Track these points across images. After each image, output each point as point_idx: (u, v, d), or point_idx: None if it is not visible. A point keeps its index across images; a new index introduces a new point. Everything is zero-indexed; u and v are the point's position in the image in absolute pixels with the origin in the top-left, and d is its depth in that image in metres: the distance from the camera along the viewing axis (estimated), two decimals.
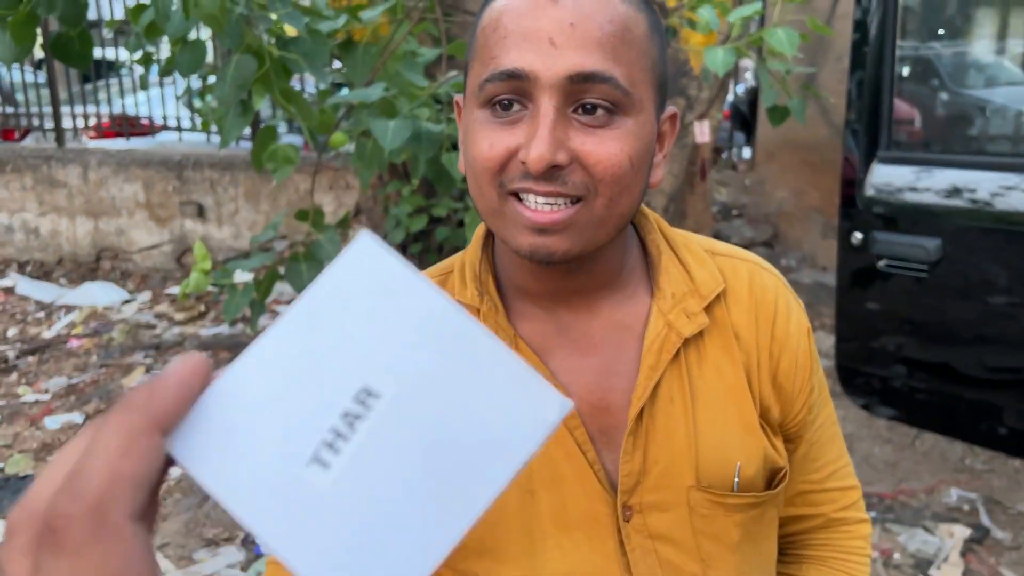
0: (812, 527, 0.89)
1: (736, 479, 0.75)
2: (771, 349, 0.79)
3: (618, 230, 0.70)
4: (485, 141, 0.67)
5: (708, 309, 0.77)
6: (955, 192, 2.15)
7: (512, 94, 0.66)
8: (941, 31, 2.62)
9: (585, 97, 0.65)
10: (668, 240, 0.80)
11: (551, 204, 0.66)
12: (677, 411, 0.75)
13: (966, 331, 2.22)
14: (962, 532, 2.62)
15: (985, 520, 2.71)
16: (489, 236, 0.80)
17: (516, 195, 0.67)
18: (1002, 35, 2.73)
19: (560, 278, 0.74)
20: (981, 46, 2.71)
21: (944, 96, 2.63)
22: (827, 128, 4.91)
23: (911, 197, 2.23)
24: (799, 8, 2.51)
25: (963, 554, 2.52)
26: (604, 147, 0.65)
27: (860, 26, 2.35)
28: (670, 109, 0.74)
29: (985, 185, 2.10)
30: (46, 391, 3.95)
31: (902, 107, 2.37)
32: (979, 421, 2.26)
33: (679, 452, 0.74)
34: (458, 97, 0.77)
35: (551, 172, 0.64)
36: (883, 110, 2.27)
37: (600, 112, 0.65)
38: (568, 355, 0.76)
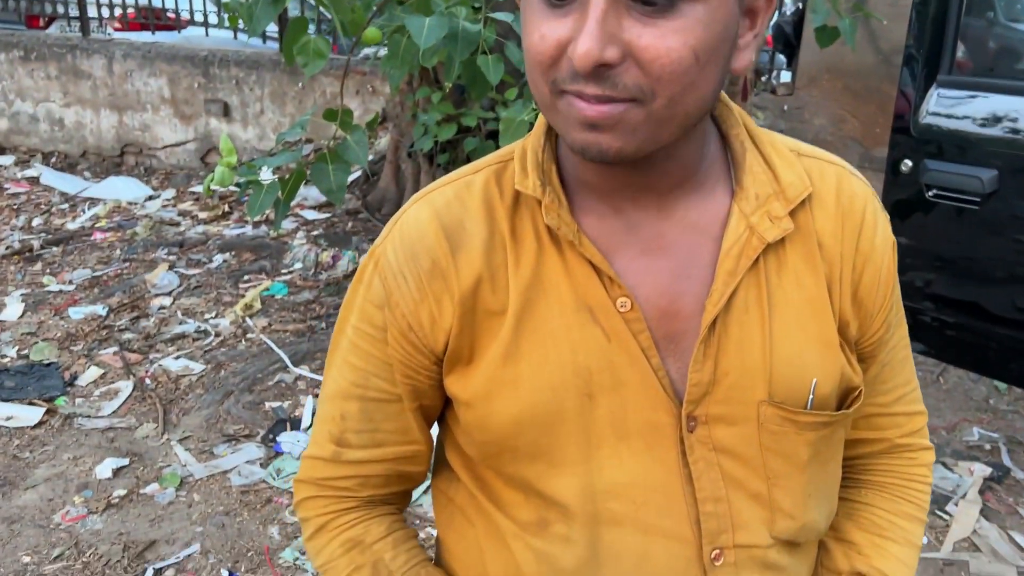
0: (876, 451, 0.85)
1: (811, 396, 0.71)
2: (855, 261, 0.73)
3: (684, 130, 0.64)
4: (536, 32, 0.61)
5: (792, 214, 0.71)
6: (1015, 121, 2.05)
7: None
8: None
9: None
10: (753, 137, 0.74)
11: (602, 101, 0.60)
12: (753, 321, 0.70)
13: (1008, 270, 2.15)
14: (982, 471, 2.60)
15: (1006, 460, 2.69)
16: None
17: (570, 93, 0.61)
18: None
19: (626, 174, 0.68)
20: None
21: (1009, 25, 2.50)
22: (874, 54, 4.72)
23: (968, 126, 2.13)
24: None
25: (981, 492, 2.51)
26: (664, 41, 0.57)
27: None
28: None
29: None
30: (70, 282, 3.98)
31: (965, 31, 2.24)
32: (1009, 360, 2.21)
33: (752, 364, 0.70)
34: None
35: (600, 71, 0.58)
36: (948, 32, 2.15)
37: None
38: (637, 255, 0.71)
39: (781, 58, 5.73)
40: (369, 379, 0.76)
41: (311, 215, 4.84)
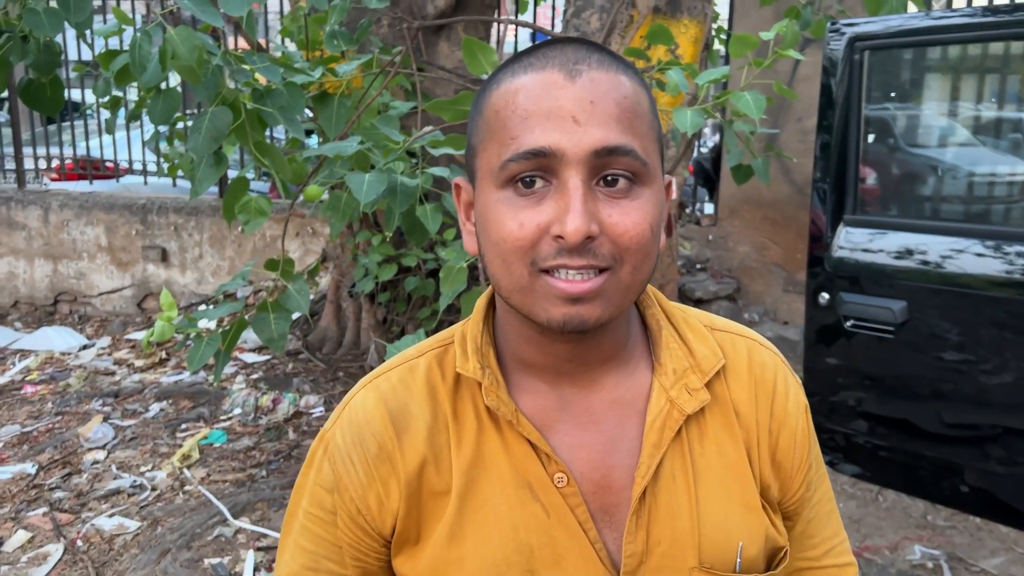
0: None
1: (738, 559, 0.75)
2: (770, 427, 0.79)
3: (637, 295, 0.72)
4: (513, 221, 0.68)
5: (708, 385, 0.77)
6: (919, 254, 2.21)
7: (536, 171, 0.67)
8: (906, 94, 2.71)
9: (608, 170, 0.67)
10: (667, 314, 0.81)
11: (582, 274, 0.67)
12: (680, 489, 0.75)
13: (929, 391, 2.27)
14: None
15: None
16: (490, 310, 0.80)
17: (547, 271, 0.67)
18: (970, 98, 2.83)
19: (569, 348, 0.74)
20: (946, 108, 2.81)
21: (908, 159, 2.72)
22: (788, 186, 5.02)
23: (877, 259, 2.28)
24: (763, 71, 2.59)
25: None
26: (629, 217, 0.67)
27: (826, 91, 2.43)
28: (667, 178, 0.76)
29: (949, 248, 2.17)
30: None
31: (867, 170, 2.44)
32: (941, 480, 2.29)
33: (682, 531, 0.74)
34: (458, 180, 0.78)
35: (584, 244, 0.66)
36: (849, 173, 2.34)
37: (622, 183, 0.68)
38: (570, 430, 0.75)
39: (703, 191, 6.04)
40: (320, 562, 0.78)
41: (250, 358, 4.81)
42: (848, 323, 2.30)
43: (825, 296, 2.33)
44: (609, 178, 0.67)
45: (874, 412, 2.38)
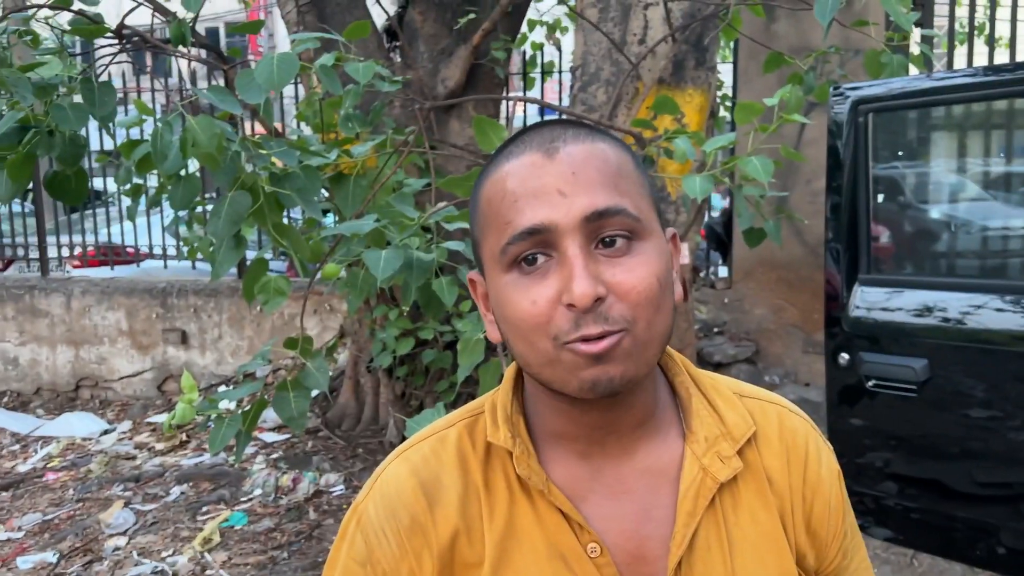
0: None
1: None
2: (804, 494, 0.78)
3: (661, 350, 0.72)
4: (525, 300, 0.69)
5: (740, 453, 0.77)
6: (938, 312, 2.21)
7: (536, 248, 0.69)
8: (913, 153, 2.75)
9: (603, 232, 0.69)
10: (696, 381, 0.81)
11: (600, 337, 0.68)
12: (715, 559, 0.74)
13: (957, 449, 2.23)
14: None
15: None
16: (519, 380, 0.81)
17: (572, 345, 0.68)
18: (977, 154, 2.85)
19: (600, 416, 0.74)
20: (954, 165, 2.84)
21: (919, 217, 2.73)
22: (801, 247, 5.04)
23: (895, 318, 2.28)
24: (769, 136, 2.63)
25: None
26: (633, 274, 0.69)
27: (833, 153, 2.46)
28: (669, 231, 0.78)
29: (968, 304, 2.16)
30: (19, 528, 3.82)
31: (879, 229, 2.45)
32: (976, 542, 2.24)
33: None
34: (471, 274, 0.80)
35: (595, 306, 0.67)
36: (861, 233, 2.35)
37: (620, 242, 0.69)
38: (602, 501, 0.75)
39: (716, 254, 6.06)
40: None
41: (270, 437, 4.79)
42: (870, 383, 2.28)
43: (845, 356, 2.32)
44: (607, 239, 0.69)
45: (903, 473, 2.34)
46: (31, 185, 5.85)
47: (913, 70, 2.97)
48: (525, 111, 5.62)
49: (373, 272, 2.26)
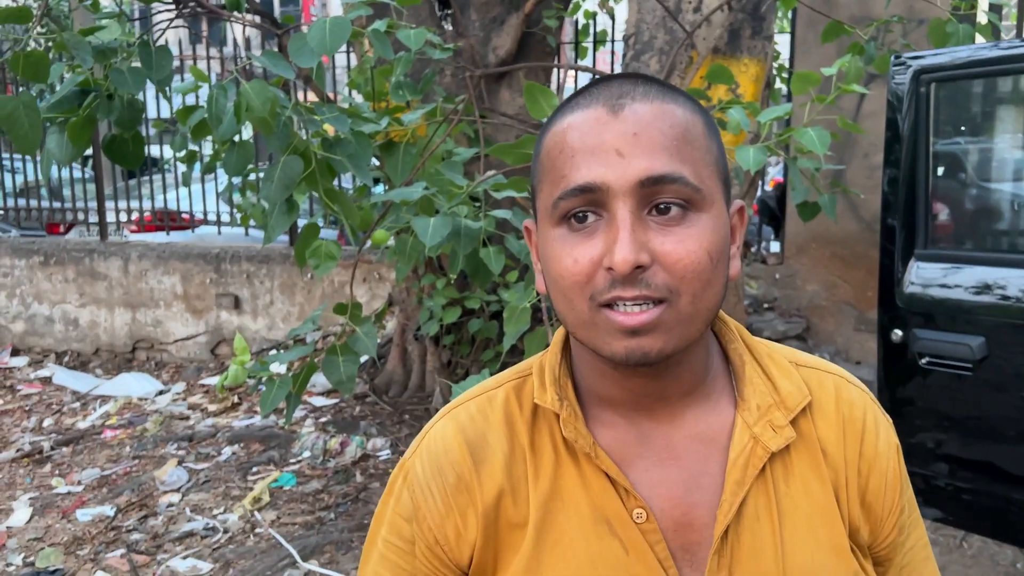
0: None
1: None
2: (860, 467, 0.77)
3: (707, 325, 0.70)
4: (568, 257, 0.68)
5: (794, 422, 0.75)
6: (997, 289, 2.14)
7: (587, 206, 0.68)
8: (976, 127, 2.66)
9: (658, 198, 0.67)
10: (751, 349, 0.80)
11: (639, 306, 0.66)
12: (764, 530, 0.73)
13: (1013, 430, 2.18)
14: None
15: None
16: (567, 342, 0.80)
17: (608, 305, 0.67)
18: None
19: (645, 383, 0.73)
20: (1020, 140, 2.74)
21: (980, 193, 2.65)
22: (856, 223, 4.93)
23: (952, 295, 2.22)
24: (825, 107, 2.57)
25: None
26: (683, 245, 0.67)
27: (892, 125, 2.40)
28: (737, 203, 0.76)
29: None
30: (79, 483, 3.96)
31: (938, 205, 2.38)
32: None
33: (766, 573, 0.72)
34: (528, 222, 0.79)
35: (635, 274, 0.66)
36: (919, 208, 2.29)
37: (674, 210, 0.67)
38: (650, 466, 0.74)
39: (768, 229, 5.96)
40: None
41: (319, 401, 4.88)
42: (923, 360, 2.23)
43: (898, 333, 2.27)
44: (661, 206, 0.67)
45: (955, 453, 2.30)
46: (91, 151, 6.00)
47: (980, 40, 2.86)
48: (576, 80, 5.56)
49: (421, 239, 2.27)
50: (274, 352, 5.33)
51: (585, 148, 0.68)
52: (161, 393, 5.29)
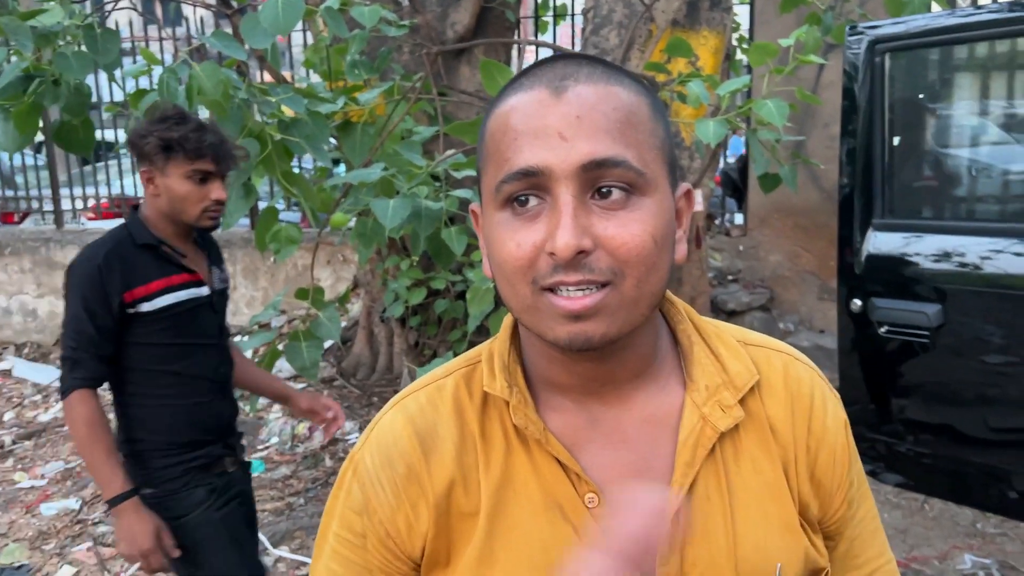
0: None
1: None
2: (808, 443, 0.77)
3: (651, 309, 0.70)
4: (511, 241, 0.67)
5: (743, 402, 0.75)
6: (954, 257, 2.17)
7: (529, 190, 0.67)
8: (933, 95, 2.68)
9: (601, 182, 0.66)
10: (699, 329, 0.79)
11: (582, 291, 0.66)
12: (715, 510, 0.73)
13: (971, 395, 2.22)
14: None
15: None
16: (516, 328, 0.79)
17: (550, 290, 0.66)
18: (1000, 96, 2.78)
19: (593, 367, 0.73)
20: (976, 107, 2.76)
21: (937, 161, 2.68)
22: (817, 193, 4.98)
23: (909, 263, 2.24)
24: (785, 79, 2.57)
25: None
26: (626, 229, 0.66)
27: (848, 95, 2.41)
28: (683, 186, 0.75)
29: (986, 249, 2.12)
30: (42, 476, 3.90)
31: (895, 173, 2.40)
32: (988, 487, 2.24)
33: (718, 553, 0.72)
34: (474, 205, 0.78)
35: (578, 259, 0.65)
36: (876, 177, 2.31)
37: (617, 194, 0.66)
38: (600, 449, 0.74)
39: (731, 201, 6.00)
40: None
41: None
42: (882, 329, 2.26)
43: (857, 303, 2.30)
44: (604, 190, 0.66)
45: (915, 419, 2.34)
46: (43, 138, 5.85)
47: (935, 8, 2.88)
48: (537, 55, 5.53)
49: (381, 221, 2.25)
50: (237, 339, 5.27)
51: (528, 130, 0.67)
52: None
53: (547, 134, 0.66)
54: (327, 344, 5.04)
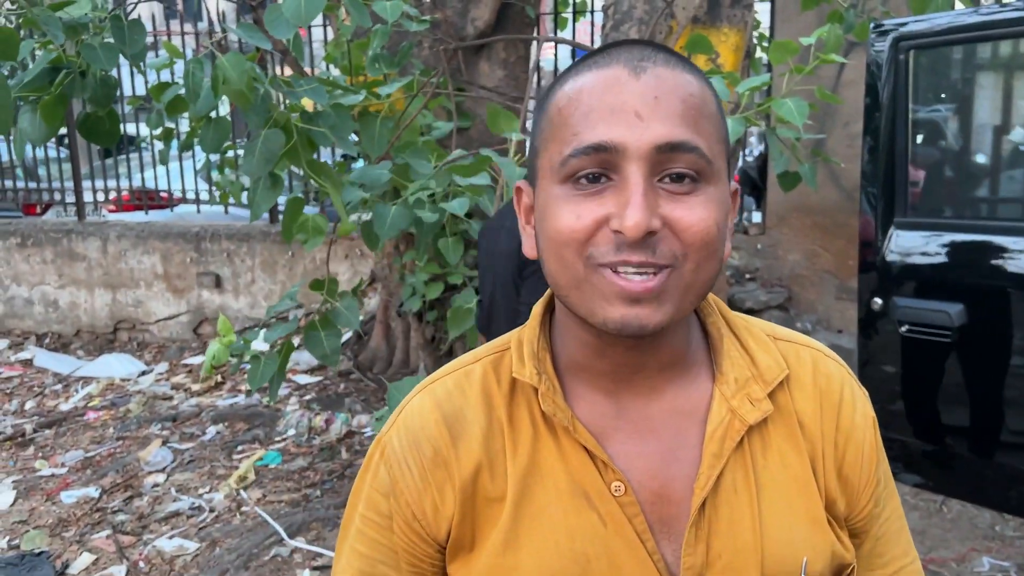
0: None
1: (803, 575, 0.72)
2: (836, 440, 0.77)
3: (700, 299, 0.70)
4: (571, 213, 0.67)
5: (772, 396, 0.75)
6: (976, 256, 2.16)
7: (598, 167, 0.66)
8: (956, 93, 2.66)
9: (671, 166, 0.66)
10: (729, 323, 0.79)
11: (643, 274, 0.65)
12: (742, 502, 0.72)
13: (992, 396, 2.20)
14: None
15: None
16: (547, 315, 0.79)
17: (608, 268, 0.66)
18: (1016, 94, 2.76)
19: (628, 355, 0.72)
20: (1000, 106, 2.74)
21: (960, 160, 2.66)
22: (837, 192, 4.94)
23: (931, 262, 2.23)
24: (806, 77, 2.56)
25: None
26: (694, 213, 0.66)
27: (871, 92, 2.40)
28: (732, 185, 0.75)
29: (1010, 248, 2.11)
30: (62, 465, 3.94)
31: (918, 172, 2.39)
32: (1008, 488, 2.22)
33: (744, 545, 0.72)
34: (519, 183, 0.77)
35: (645, 239, 0.64)
36: (899, 176, 2.30)
37: (687, 180, 0.66)
38: (627, 439, 0.74)
39: (750, 200, 5.97)
40: (376, 567, 0.78)
41: (303, 379, 4.87)
42: (903, 328, 2.25)
43: (878, 301, 2.29)
44: (674, 175, 0.66)
45: (935, 419, 2.32)
46: (66, 130, 5.90)
47: (959, 6, 2.86)
48: (556, 52, 5.53)
49: (377, 231, 2.27)
50: (256, 331, 5.31)
51: (604, 106, 0.66)
52: (144, 374, 5.26)
53: (624, 111, 0.66)
54: (345, 337, 5.07)
